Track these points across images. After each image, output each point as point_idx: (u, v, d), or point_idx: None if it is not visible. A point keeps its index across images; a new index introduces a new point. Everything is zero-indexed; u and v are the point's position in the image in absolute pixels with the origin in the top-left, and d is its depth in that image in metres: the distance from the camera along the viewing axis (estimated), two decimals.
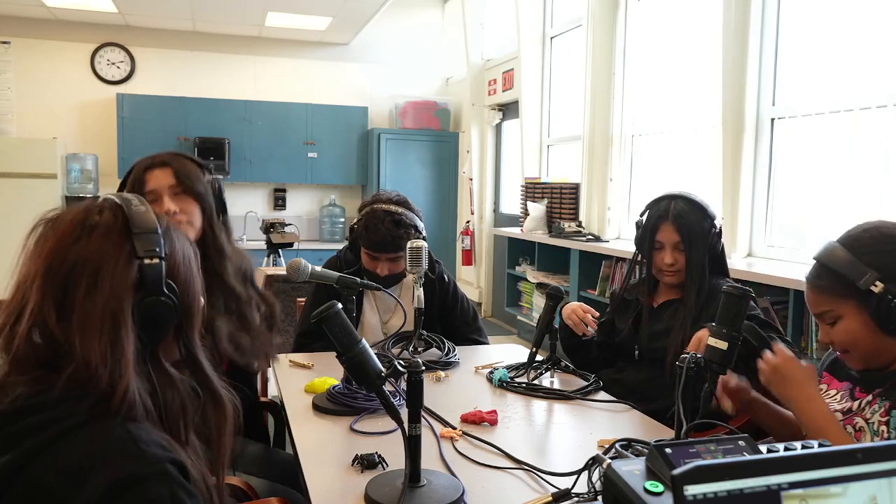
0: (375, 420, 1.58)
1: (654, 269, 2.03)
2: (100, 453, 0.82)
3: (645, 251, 2.03)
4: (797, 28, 3.29)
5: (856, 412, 1.35)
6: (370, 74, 7.40)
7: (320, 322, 1.18)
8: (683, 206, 1.96)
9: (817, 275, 1.36)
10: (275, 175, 7.08)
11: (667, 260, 1.96)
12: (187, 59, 6.94)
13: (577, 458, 1.37)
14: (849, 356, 1.37)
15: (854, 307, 1.31)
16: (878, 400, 1.32)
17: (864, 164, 2.92)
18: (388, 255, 2.22)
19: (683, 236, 1.93)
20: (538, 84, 5.69)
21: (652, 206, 2.03)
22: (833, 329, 1.34)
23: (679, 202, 1.97)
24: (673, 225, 1.95)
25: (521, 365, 1.99)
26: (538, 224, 5.00)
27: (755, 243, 3.46)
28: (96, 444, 0.83)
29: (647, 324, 2.03)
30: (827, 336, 1.37)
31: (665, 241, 1.96)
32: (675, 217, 1.95)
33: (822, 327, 1.37)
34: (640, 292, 2.09)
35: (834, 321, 1.34)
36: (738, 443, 0.84)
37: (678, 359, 1.33)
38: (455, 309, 2.36)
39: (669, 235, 1.95)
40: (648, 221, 2.01)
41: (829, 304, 1.34)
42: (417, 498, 1.17)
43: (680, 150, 4.17)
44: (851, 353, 1.36)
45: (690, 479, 0.61)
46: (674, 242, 1.95)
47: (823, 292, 1.34)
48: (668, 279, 2.00)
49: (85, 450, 0.82)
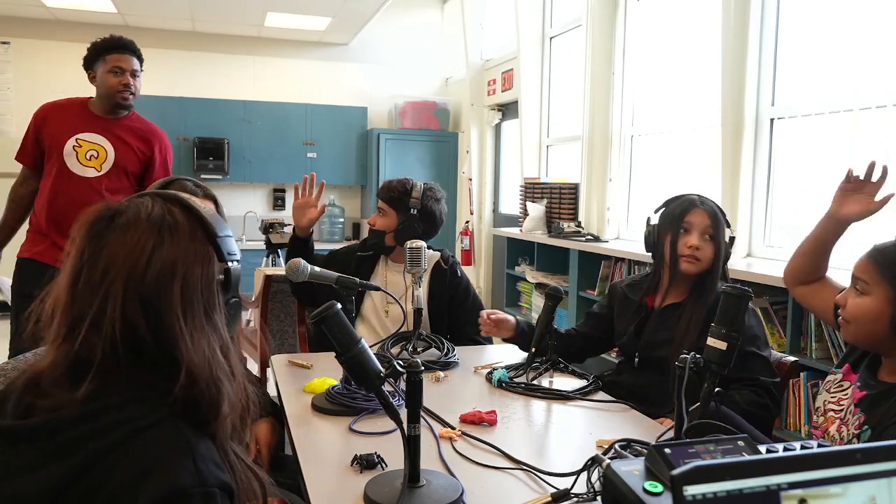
0: (374, 420, 1.58)
1: (672, 256, 1.95)
2: (157, 459, 0.81)
3: (671, 233, 1.95)
4: (797, 28, 3.29)
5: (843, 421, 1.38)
6: (370, 74, 7.40)
7: (320, 322, 1.18)
8: (712, 202, 2.00)
9: (883, 250, 1.40)
10: (274, 175, 7.08)
11: (692, 242, 1.92)
12: (187, 59, 6.94)
13: (576, 458, 1.37)
14: (846, 325, 1.44)
15: (885, 296, 1.36)
16: (858, 410, 1.35)
17: (864, 164, 2.91)
18: (380, 202, 2.48)
19: (714, 222, 1.94)
20: (538, 84, 5.69)
21: (675, 199, 2.03)
22: (855, 298, 1.41)
23: (706, 198, 2.00)
24: (705, 210, 1.96)
25: (521, 365, 1.99)
26: (537, 224, 5.00)
27: (754, 243, 3.46)
28: (155, 448, 0.82)
29: (651, 330, 1.99)
30: (844, 299, 1.44)
31: (696, 223, 1.94)
32: (708, 206, 1.97)
33: (849, 291, 1.44)
34: (644, 291, 2.05)
35: (863, 293, 1.40)
36: (738, 443, 0.84)
37: (678, 359, 1.33)
38: (465, 304, 2.39)
39: (701, 219, 1.95)
40: (675, 208, 1.99)
41: (871, 278, 1.39)
42: (417, 498, 1.17)
43: (679, 150, 4.17)
44: (851, 324, 1.42)
45: (690, 479, 0.60)
46: (704, 226, 1.94)
47: (876, 266, 1.39)
48: (686, 266, 1.93)
49: (143, 453, 0.81)
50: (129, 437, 0.82)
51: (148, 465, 0.80)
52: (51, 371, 0.87)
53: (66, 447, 0.81)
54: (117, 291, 0.87)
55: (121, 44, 2.86)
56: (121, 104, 2.85)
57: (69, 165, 2.81)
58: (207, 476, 0.83)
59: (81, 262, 0.90)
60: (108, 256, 0.89)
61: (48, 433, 0.83)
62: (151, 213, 0.92)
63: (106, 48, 2.84)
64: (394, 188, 2.46)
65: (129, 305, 0.87)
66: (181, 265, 0.90)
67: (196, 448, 0.84)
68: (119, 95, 2.82)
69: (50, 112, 2.89)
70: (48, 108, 2.91)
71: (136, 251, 0.89)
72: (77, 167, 2.82)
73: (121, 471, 0.80)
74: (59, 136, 2.82)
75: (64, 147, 2.80)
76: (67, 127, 2.84)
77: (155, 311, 0.88)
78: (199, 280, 0.91)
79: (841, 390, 1.48)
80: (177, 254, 0.90)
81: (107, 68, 2.82)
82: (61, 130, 2.83)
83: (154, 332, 0.88)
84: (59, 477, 0.80)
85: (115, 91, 2.81)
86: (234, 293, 0.97)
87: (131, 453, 0.81)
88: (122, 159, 2.88)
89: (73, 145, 2.81)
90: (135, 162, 2.92)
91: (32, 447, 0.83)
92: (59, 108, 2.91)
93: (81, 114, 2.88)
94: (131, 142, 2.92)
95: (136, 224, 0.91)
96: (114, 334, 0.86)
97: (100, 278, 0.88)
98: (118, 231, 0.91)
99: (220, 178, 6.79)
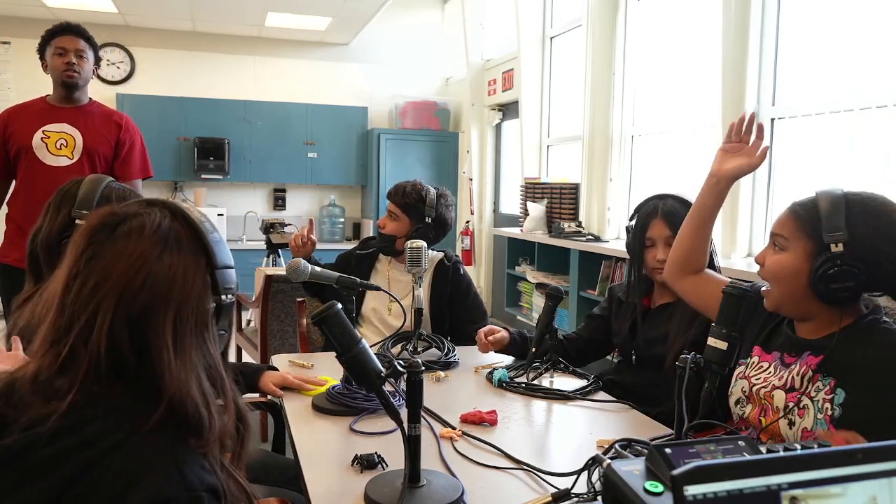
0: (375, 420, 1.58)
1: (646, 269, 2.01)
2: (140, 469, 0.79)
3: (636, 251, 2.01)
4: (797, 28, 3.29)
5: (800, 390, 1.35)
6: (370, 74, 7.40)
7: (320, 322, 1.18)
8: (674, 204, 1.96)
9: (804, 204, 1.38)
10: (274, 175, 7.08)
11: (658, 256, 1.94)
12: (187, 59, 6.94)
13: (576, 458, 1.37)
14: (768, 292, 1.42)
15: (804, 250, 1.34)
16: (819, 376, 1.33)
17: (864, 164, 2.92)
18: (391, 206, 2.48)
19: (674, 231, 1.90)
20: (538, 84, 5.69)
21: (641, 207, 2.03)
22: (774, 255, 1.39)
23: (669, 200, 1.97)
24: (663, 220, 1.95)
25: (521, 365, 1.99)
26: (538, 224, 5.00)
27: (755, 243, 3.46)
28: (137, 459, 0.80)
29: (644, 329, 2.01)
30: (763, 258, 1.42)
31: (656, 237, 1.96)
32: (666, 213, 1.95)
33: (767, 249, 1.42)
34: (635, 295, 2.07)
35: (781, 249, 1.38)
36: (738, 443, 0.84)
37: (678, 359, 1.33)
38: (467, 300, 2.40)
39: (660, 231, 1.95)
40: (638, 221, 2.01)
41: (789, 232, 1.37)
42: (417, 498, 1.17)
43: (680, 150, 4.17)
44: (772, 287, 1.40)
45: (690, 479, 0.61)
46: (665, 237, 1.94)
47: (796, 220, 1.36)
48: (660, 277, 1.97)
49: (126, 464, 0.79)
50: (110, 450, 0.80)
51: (131, 478, 0.78)
52: (31, 380, 0.85)
53: (44, 465, 0.79)
54: (108, 309, 0.84)
55: (65, 27, 2.93)
56: (66, 83, 2.90)
57: (41, 158, 2.85)
58: (193, 481, 0.81)
59: (77, 269, 0.87)
60: (102, 269, 0.86)
61: (22, 453, 0.80)
62: (159, 225, 0.89)
63: (52, 34, 2.92)
64: (409, 194, 2.45)
65: (117, 326, 0.84)
66: (178, 290, 0.87)
67: (180, 455, 0.82)
68: (64, 74, 2.88)
69: (11, 114, 2.95)
70: (8, 111, 2.98)
71: (134, 266, 0.86)
72: (49, 158, 2.86)
73: (104, 485, 0.78)
74: (25, 134, 2.87)
75: (32, 141, 2.85)
76: (31, 123, 2.89)
77: (143, 337, 0.85)
78: (193, 309, 0.88)
79: (763, 371, 1.45)
80: (175, 277, 0.87)
81: (52, 51, 2.90)
82: (26, 128, 2.88)
83: (139, 356, 0.85)
84: (40, 496, 0.78)
85: (61, 71, 2.87)
86: (223, 326, 0.94)
87: (112, 466, 0.79)
88: (92, 142, 2.93)
89: (41, 137, 2.86)
90: (105, 144, 2.97)
91: (9, 468, 0.80)
92: (20, 109, 2.98)
93: (43, 108, 2.94)
94: (96, 124, 2.97)
95: (140, 236, 0.88)
96: (98, 352, 0.84)
97: (91, 291, 0.85)
98: (119, 241, 0.87)
99: (221, 178, 6.79)
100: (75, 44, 2.90)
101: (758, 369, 1.47)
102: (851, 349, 1.32)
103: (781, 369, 1.41)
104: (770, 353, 1.47)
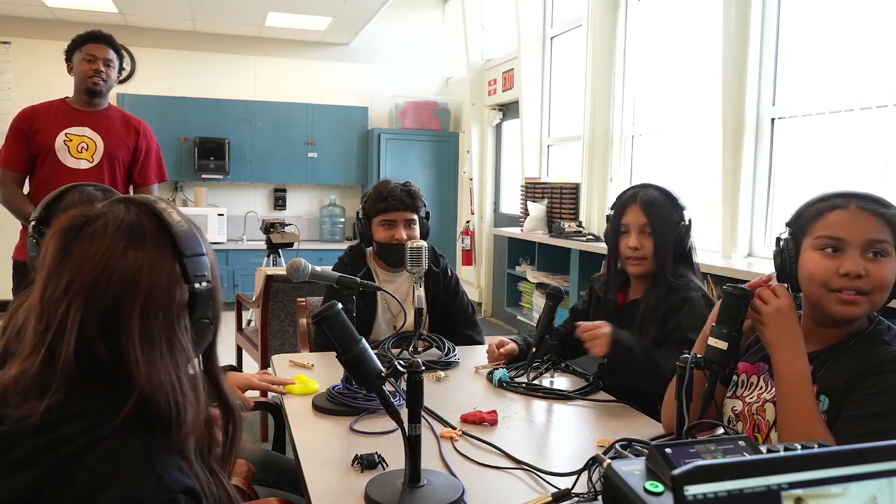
0: (375, 420, 1.58)
1: (620, 259, 1.96)
2: (113, 470, 0.79)
3: (611, 237, 1.96)
4: (797, 28, 3.29)
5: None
6: (370, 74, 7.40)
7: (320, 322, 1.18)
8: (653, 193, 1.92)
9: (887, 205, 1.28)
10: (275, 175, 7.08)
11: (631, 243, 1.89)
12: (187, 59, 6.95)
13: (577, 458, 1.37)
14: (858, 301, 1.26)
15: None
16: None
17: (864, 164, 2.92)
18: (406, 216, 2.23)
19: (651, 219, 1.88)
20: (538, 84, 5.69)
21: (621, 195, 1.99)
22: (876, 263, 1.25)
23: (649, 189, 1.93)
24: (640, 207, 1.90)
25: (521, 365, 1.99)
26: (538, 224, 5.00)
27: (755, 243, 3.46)
28: (112, 459, 0.80)
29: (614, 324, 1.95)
30: (859, 268, 1.25)
31: (631, 223, 1.91)
32: (644, 201, 1.90)
33: (857, 257, 1.25)
34: (611, 290, 2.03)
35: (883, 254, 1.26)
36: (738, 443, 0.84)
37: (678, 359, 1.33)
38: (455, 301, 2.37)
39: (636, 217, 1.90)
40: (616, 207, 1.96)
41: (889, 237, 1.26)
42: (417, 498, 1.17)
43: (680, 150, 4.17)
44: (871, 296, 1.26)
45: (690, 479, 0.61)
46: (640, 225, 1.89)
47: (887, 224, 1.26)
48: (632, 267, 1.93)
49: (100, 465, 0.80)
50: (85, 449, 0.80)
51: (105, 478, 0.78)
52: (14, 384, 0.86)
53: (26, 459, 0.80)
54: (78, 308, 0.85)
55: (98, 35, 3.01)
56: (91, 89, 2.98)
57: (62, 159, 2.94)
58: (169, 483, 0.81)
59: (49, 272, 0.89)
60: (71, 269, 0.87)
61: (9, 445, 0.81)
62: (122, 221, 0.90)
63: (83, 39, 2.99)
64: (417, 194, 2.27)
65: (87, 324, 0.85)
66: (144, 283, 0.87)
67: (156, 455, 0.82)
68: (90, 80, 2.96)
69: (35, 114, 3.00)
70: (31, 112, 3.03)
71: (100, 264, 0.87)
72: (70, 160, 2.96)
73: (77, 484, 0.78)
74: (49, 135, 2.94)
75: (55, 143, 2.93)
76: (55, 125, 2.96)
77: (113, 333, 0.86)
78: (160, 302, 0.88)
79: (754, 387, 1.42)
80: (140, 270, 0.87)
81: (81, 56, 2.97)
82: (50, 129, 2.95)
83: (112, 352, 0.86)
84: (21, 488, 0.79)
85: (87, 76, 2.95)
86: (203, 314, 0.93)
87: (86, 466, 0.79)
88: (112, 147, 3.02)
89: (64, 140, 2.95)
90: (124, 149, 3.06)
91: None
92: (43, 109, 3.04)
93: (64, 111, 3.01)
94: (117, 130, 3.06)
95: (104, 234, 0.89)
96: (72, 351, 0.85)
97: (63, 292, 0.86)
98: (86, 241, 0.88)
99: (221, 178, 6.80)
100: (105, 52, 2.99)
101: (748, 387, 1.44)
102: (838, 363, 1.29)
103: (770, 381, 1.38)
104: (755, 364, 1.44)
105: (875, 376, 1.23)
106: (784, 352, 1.29)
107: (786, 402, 1.28)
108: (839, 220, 1.28)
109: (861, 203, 1.28)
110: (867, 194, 1.30)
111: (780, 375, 1.29)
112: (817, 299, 1.30)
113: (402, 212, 2.23)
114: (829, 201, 1.31)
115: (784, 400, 1.28)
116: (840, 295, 1.27)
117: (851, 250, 1.26)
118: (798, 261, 1.34)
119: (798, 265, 1.34)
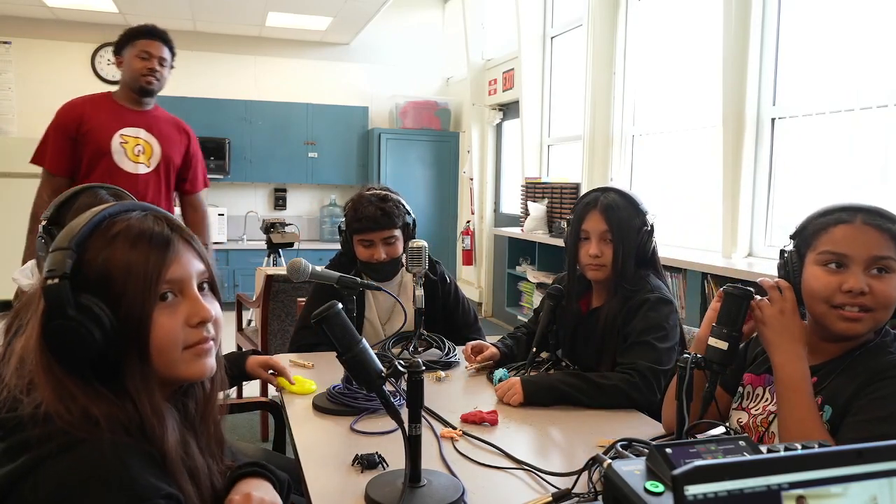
0: (375, 420, 1.58)
1: (579, 266, 1.91)
2: (86, 478, 0.78)
3: (570, 244, 1.91)
4: (797, 28, 3.29)
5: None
6: (370, 74, 7.40)
7: (320, 322, 1.17)
8: (614, 198, 1.86)
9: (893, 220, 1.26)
10: (275, 175, 7.09)
11: (591, 251, 1.83)
12: (188, 58, 6.92)
13: (577, 458, 1.37)
14: (861, 318, 1.25)
15: None
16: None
17: (864, 164, 2.92)
18: (383, 235, 2.17)
19: (611, 226, 1.83)
20: (538, 84, 5.69)
21: (580, 199, 1.94)
22: (880, 280, 1.23)
23: (610, 194, 1.88)
24: (601, 214, 1.84)
25: (522, 365, 1.99)
26: (538, 224, 5.00)
27: (755, 243, 3.46)
28: (84, 468, 0.79)
29: (581, 337, 1.95)
30: (863, 284, 1.23)
31: (591, 230, 1.86)
32: (604, 207, 1.85)
33: (860, 274, 1.23)
34: (570, 297, 1.97)
35: (887, 271, 1.24)
36: (739, 443, 0.84)
37: (678, 359, 1.33)
38: (457, 310, 2.36)
39: (596, 224, 1.85)
40: (576, 213, 1.91)
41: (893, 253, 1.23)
42: (417, 498, 1.17)
43: (680, 149, 4.17)
44: (875, 313, 1.25)
45: (691, 479, 0.61)
46: (600, 232, 1.84)
47: (891, 239, 1.24)
48: (592, 273, 1.88)
49: (72, 472, 0.78)
50: (58, 452, 0.79)
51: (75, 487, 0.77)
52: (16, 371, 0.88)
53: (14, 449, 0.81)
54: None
55: (153, 31, 2.82)
56: (144, 88, 2.78)
57: (118, 162, 2.71)
58: (147, 489, 0.79)
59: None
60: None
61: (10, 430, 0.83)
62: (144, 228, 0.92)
63: (137, 33, 2.80)
64: (393, 212, 2.16)
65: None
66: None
67: (129, 461, 0.80)
68: (143, 79, 2.76)
69: (85, 111, 2.76)
70: (79, 105, 2.78)
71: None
72: (128, 164, 2.73)
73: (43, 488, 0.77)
74: (105, 135, 2.70)
75: (111, 144, 2.70)
76: (109, 124, 2.73)
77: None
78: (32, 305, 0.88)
79: (760, 399, 1.41)
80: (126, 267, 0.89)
81: (135, 52, 2.78)
82: (105, 128, 2.72)
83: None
84: (4, 475, 0.79)
85: (140, 74, 2.76)
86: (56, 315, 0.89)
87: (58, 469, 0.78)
88: (168, 151, 2.82)
89: (120, 142, 2.71)
90: (177, 153, 2.87)
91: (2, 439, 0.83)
92: (91, 104, 2.79)
93: (114, 108, 2.79)
94: (171, 133, 2.86)
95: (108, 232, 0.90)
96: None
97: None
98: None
99: (222, 177, 6.80)
100: (160, 51, 2.81)
101: (754, 399, 1.43)
102: (843, 375, 1.28)
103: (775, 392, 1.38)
104: (760, 375, 1.44)
105: (879, 381, 1.23)
106: (783, 354, 1.29)
107: (785, 403, 1.28)
108: (843, 235, 1.26)
109: (866, 217, 1.26)
110: (873, 208, 1.28)
111: (779, 377, 1.29)
112: (820, 315, 1.29)
113: (379, 231, 2.16)
114: (835, 215, 1.30)
115: (783, 401, 1.28)
116: (842, 312, 1.25)
117: (855, 267, 1.24)
118: (801, 275, 1.33)
119: (801, 280, 1.33)
